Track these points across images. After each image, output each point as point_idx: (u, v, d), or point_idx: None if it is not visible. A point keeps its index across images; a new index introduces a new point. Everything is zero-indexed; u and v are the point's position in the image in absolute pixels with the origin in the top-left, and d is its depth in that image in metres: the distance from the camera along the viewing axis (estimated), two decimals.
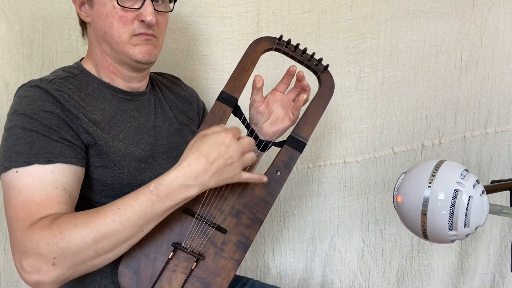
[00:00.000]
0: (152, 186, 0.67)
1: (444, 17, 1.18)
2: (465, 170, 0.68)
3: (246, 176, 0.73)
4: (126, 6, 0.77)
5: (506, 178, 0.78)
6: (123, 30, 0.78)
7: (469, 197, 0.64)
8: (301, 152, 0.82)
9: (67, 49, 1.09)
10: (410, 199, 0.68)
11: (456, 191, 0.64)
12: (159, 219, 0.68)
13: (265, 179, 0.76)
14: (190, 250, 0.74)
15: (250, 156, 0.73)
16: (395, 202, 0.73)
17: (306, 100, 0.88)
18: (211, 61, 1.16)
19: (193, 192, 0.68)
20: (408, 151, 1.23)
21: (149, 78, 0.93)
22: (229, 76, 0.82)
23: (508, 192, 0.76)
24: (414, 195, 0.68)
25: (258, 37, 0.86)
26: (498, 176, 1.24)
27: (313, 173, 1.24)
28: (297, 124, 0.84)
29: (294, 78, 0.90)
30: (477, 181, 0.67)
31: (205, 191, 0.71)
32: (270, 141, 0.87)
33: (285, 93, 0.92)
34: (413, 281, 1.28)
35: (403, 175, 0.73)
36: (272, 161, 0.81)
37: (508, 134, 1.24)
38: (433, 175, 0.67)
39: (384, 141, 1.23)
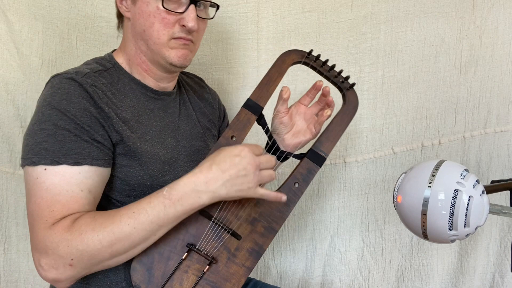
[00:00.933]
0: (165, 190, 0.68)
1: (444, 17, 1.18)
2: (465, 170, 0.68)
3: (262, 192, 0.73)
4: (170, 9, 0.77)
5: (506, 178, 0.78)
6: (163, 32, 0.78)
7: (469, 197, 0.64)
8: (320, 167, 0.82)
9: (66, 49, 1.09)
10: (410, 199, 0.69)
11: (456, 191, 0.64)
12: (170, 225, 0.70)
13: (284, 198, 0.75)
14: (203, 253, 0.74)
15: (269, 173, 0.73)
16: (395, 202, 0.73)
17: (329, 116, 0.88)
18: (211, 61, 1.16)
19: (203, 198, 0.69)
20: (408, 151, 1.23)
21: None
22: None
23: (508, 192, 0.76)
24: (414, 195, 0.68)
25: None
26: (497, 176, 1.24)
27: None
28: (318, 138, 0.84)
29: (319, 92, 0.90)
30: (477, 181, 0.67)
31: None
32: (291, 153, 0.87)
33: (309, 106, 0.92)
34: (412, 280, 1.28)
35: (403, 175, 0.73)
36: (290, 173, 0.81)
37: (507, 134, 1.24)
38: (433, 175, 0.67)
39: (384, 141, 1.23)
